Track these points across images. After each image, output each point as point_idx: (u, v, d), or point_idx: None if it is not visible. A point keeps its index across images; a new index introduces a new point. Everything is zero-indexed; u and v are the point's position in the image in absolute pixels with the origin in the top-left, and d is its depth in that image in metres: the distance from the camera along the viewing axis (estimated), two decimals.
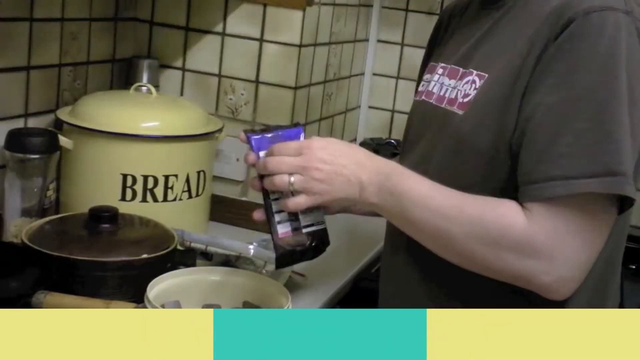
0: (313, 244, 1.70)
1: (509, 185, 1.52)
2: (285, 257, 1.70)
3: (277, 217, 1.67)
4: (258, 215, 1.69)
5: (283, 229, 1.67)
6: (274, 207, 1.67)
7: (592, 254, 1.48)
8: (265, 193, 1.66)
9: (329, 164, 1.59)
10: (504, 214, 1.48)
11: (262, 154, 1.66)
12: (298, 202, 1.61)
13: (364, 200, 1.61)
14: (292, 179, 1.59)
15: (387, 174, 1.58)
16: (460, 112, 1.61)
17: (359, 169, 1.59)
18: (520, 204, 1.48)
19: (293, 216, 1.68)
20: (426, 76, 1.83)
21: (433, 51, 1.92)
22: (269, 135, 1.68)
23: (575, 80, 1.44)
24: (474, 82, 1.61)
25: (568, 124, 1.43)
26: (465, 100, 1.61)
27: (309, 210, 1.67)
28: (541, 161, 1.45)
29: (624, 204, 1.47)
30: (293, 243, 1.68)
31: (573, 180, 1.42)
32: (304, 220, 1.69)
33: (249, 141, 1.67)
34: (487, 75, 1.59)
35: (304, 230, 1.69)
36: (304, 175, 1.59)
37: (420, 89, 1.84)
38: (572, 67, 1.44)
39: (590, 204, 1.45)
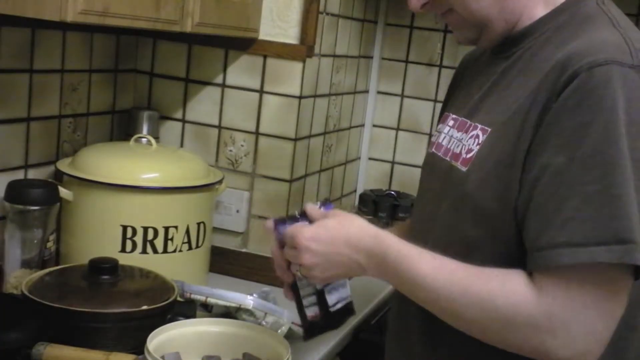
0: (340, 318, 1.72)
1: (514, 246, 1.46)
2: (314, 332, 1.72)
3: (305, 302, 1.68)
4: (289, 295, 1.70)
5: (311, 312, 1.68)
6: (301, 292, 1.68)
7: (610, 324, 1.38)
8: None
9: (321, 255, 1.56)
10: (514, 290, 1.41)
11: None
12: (310, 279, 1.63)
13: (369, 275, 1.58)
14: (297, 267, 1.60)
15: (382, 254, 1.53)
16: (463, 169, 1.56)
17: (353, 252, 1.55)
18: (529, 272, 1.42)
19: (321, 299, 1.68)
20: (439, 126, 1.79)
21: (448, 102, 1.89)
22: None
23: (581, 140, 1.37)
24: (477, 136, 1.56)
25: (575, 187, 1.36)
26: (468, 156, 1.56)
27: (333, 288, 1.69)
28: (548, 225, 1.38)
29: (638, 270, 1.38)
30: (321, 321, 1.70)
31: (580, 247, 1.34)
32: (330, 300, 1.69)
33: (275, 229, 1.64)
34: (490, 129, 1.54)
35: (332, 309, 1.70)
36: (302, 266, 1.58)
37: (432, 139, 1.80)
38: (578, 126, 1.38)
39: (603, 272, 1.36)
